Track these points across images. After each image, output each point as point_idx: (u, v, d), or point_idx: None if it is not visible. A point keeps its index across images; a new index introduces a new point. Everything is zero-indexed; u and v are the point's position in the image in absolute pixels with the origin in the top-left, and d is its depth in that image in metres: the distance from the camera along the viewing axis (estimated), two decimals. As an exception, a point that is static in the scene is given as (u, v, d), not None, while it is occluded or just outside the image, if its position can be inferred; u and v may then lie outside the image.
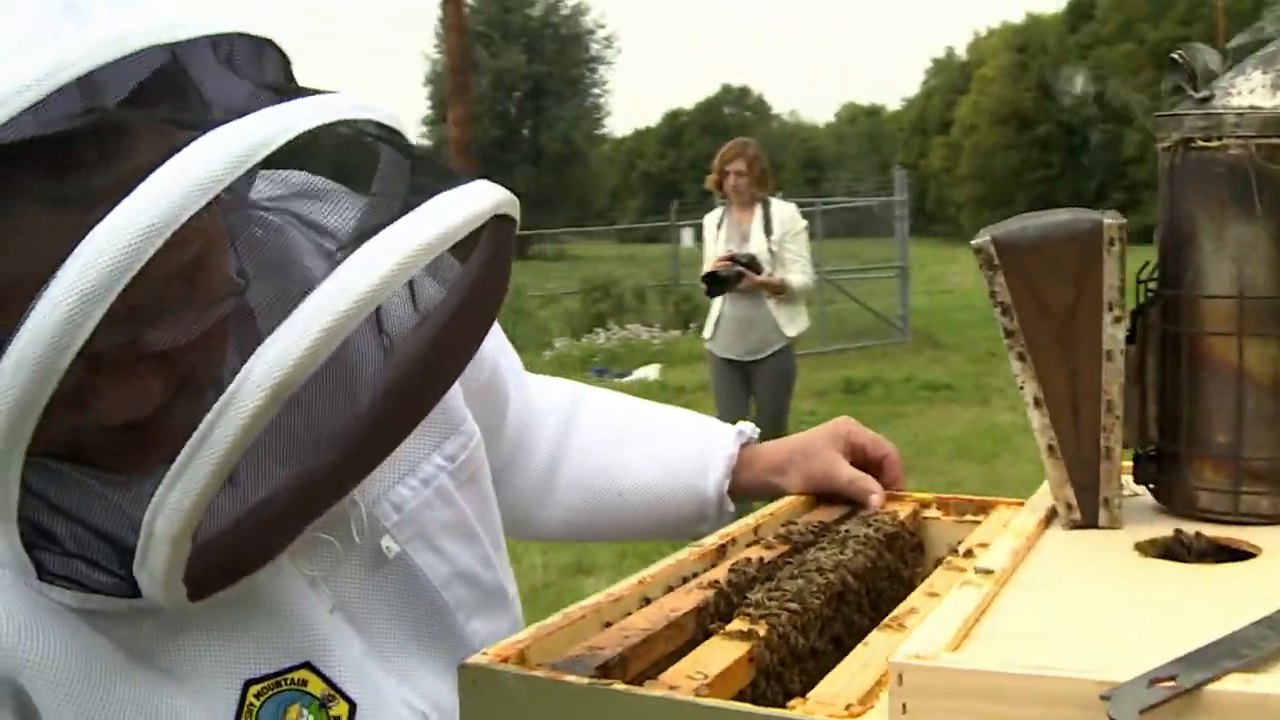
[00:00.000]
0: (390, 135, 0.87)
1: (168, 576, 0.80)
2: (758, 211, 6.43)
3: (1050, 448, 1.08)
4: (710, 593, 1.08)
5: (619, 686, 0.86)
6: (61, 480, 0.83)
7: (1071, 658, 0.74)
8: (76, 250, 0.69)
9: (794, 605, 1.04)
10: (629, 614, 1.06)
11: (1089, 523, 1.08)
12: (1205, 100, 1.05)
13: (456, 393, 1.17)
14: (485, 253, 0.91)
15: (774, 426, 5.97)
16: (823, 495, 1.38)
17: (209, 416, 0.74)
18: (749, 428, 1.47)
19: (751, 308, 6.30)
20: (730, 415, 6.51)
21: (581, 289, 17.46)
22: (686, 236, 18.89)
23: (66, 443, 0.81)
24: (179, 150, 0.72)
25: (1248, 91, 1.04)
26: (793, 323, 6.42)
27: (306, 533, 0.92)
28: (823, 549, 1.20)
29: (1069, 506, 1.08)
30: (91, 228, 0.69)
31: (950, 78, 59.84)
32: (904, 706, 0.74)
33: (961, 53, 62.37)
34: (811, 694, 0.84)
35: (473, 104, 41.11)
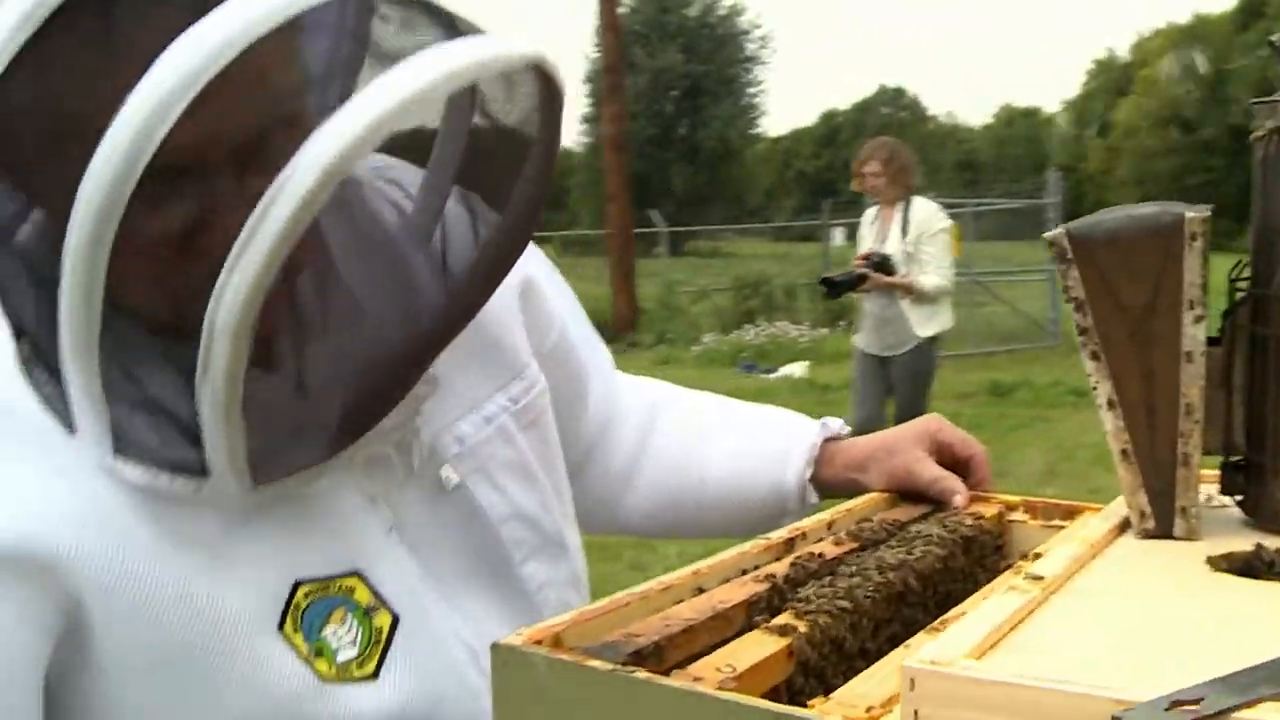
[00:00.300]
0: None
1: (230, 436, 0.83)
2: (899, 211, 6.36)
3: (1124, 452, 1.02)
4: (763, 586, 1.06)
5: (640, 674, 0.84)
6: (136, 355, 0.87)
7: (1099, 673, 0.69)
8: (164, 53, 0.74)
9: (844, 603, 1.01)
10: (679, 602, 1.04)
11: (1163, 532, 1.02)
12: (1298, 86, 0.98)
13: (522, 343, 1.20)
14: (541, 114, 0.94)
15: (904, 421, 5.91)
16: (906, 493, 1.34)
17: (264, 199, 0.76)
18: (836, 423, 1.43)
19: (887, 305, 6.29)
20: (864, 408, 6.51)
21: (733, 285, 17.47)
22: (838, 235, 18.69)
23: (144, 263, 0.84)
24: None
25: (1349, 77, 0.96)
26: (928, 323, 6.30)
27: (371, 438, 0.95)
28: (890, 548, 1.17)
29: (1142, 514, 1.02)
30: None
31: (1112, 79, 57.78)
32: (915, 713, 0.71)
33: (1124, 54, 60.16)
34: (835, 694, 0.82)
35: (630, 103, 41.54)
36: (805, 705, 0.81)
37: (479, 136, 0.97)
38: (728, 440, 1.43)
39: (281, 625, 0.94)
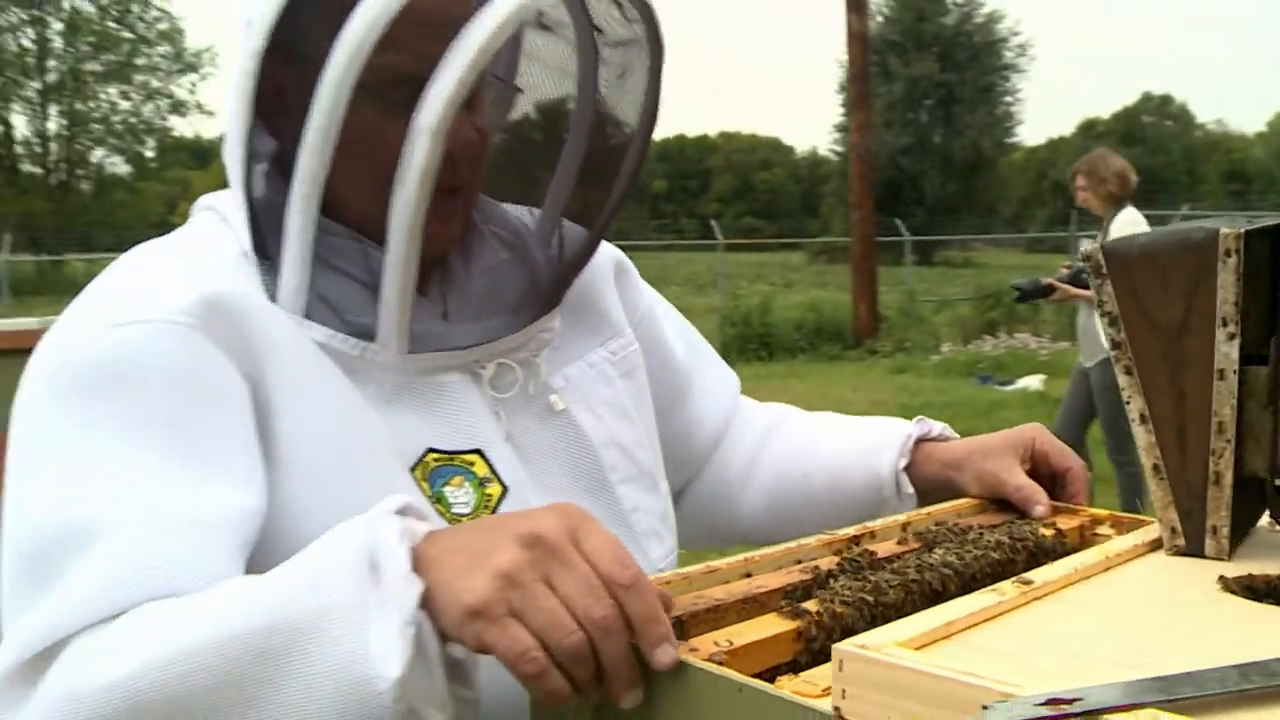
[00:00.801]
0: None
1: (401, 290, 1.07)
2: (1106, 222, 6.24)
3: (1155, 467, 1.02)
4: (803, 576, 1.11)
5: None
6: (336, 246, 1.12)
7: (1014, 671, 0.72)
8: None
9: (867, 596, 1.05)
10: (723, 584, 1.11)
11: (1194, 550, 1.01)
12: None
13: (618, 311, 1.38)
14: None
15: (1107, 434, 5.96)
16: (996, 499, 1.35)
17: (402, 155, 1.03)
18: (938, 425, 1.47)
19: (1086, 316, 6.21)
20: (1064, 418, 6.39)
21: (975, 295, 17.02)
22: (1086, 246, 17.88)
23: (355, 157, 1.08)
24: None
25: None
26: None
27: (502, 353, 1.18)
28: (946, 550, 1.19)
29: (1173, 531, 1.02)
30: None
31: None
32: (843, 692, 0.76)
33: None
34: (805, 673, 0.87)
35: (883, 112, 40.99)
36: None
37: (600, 114, 1.25)
38: (833, 439, 1.50)
39: (411, 470, 1.11)
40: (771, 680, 0.86)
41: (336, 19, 1.02)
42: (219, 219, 1.18)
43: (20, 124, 38.62)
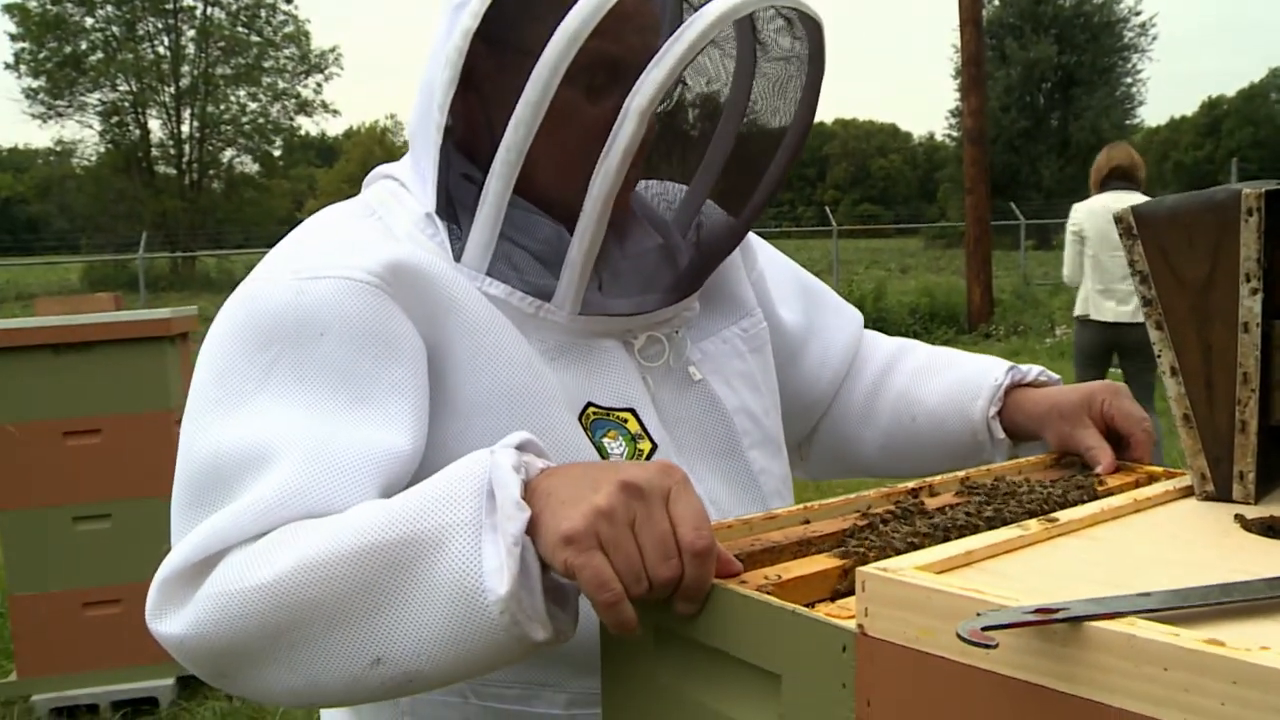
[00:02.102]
0: None
1: (588, 252, 1.20)
2: None
3: (1186, 417, 1.08)
4: (857, 522, 1.19)
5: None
6: (524, 215, 1.24)
7: (1022, 591, 0.80)
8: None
9: (913, 539, 1.13)
10: (782, 529, 1.20)
11: (1223, 495, 1.07)
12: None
13: (749, 293, 1.50)
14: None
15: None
16: (1067, 453, 1.42)
17: (610, 136, 1.16)
18: (1032, 370, 1.54)
19: None
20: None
21: (1091, 279, 16.68)
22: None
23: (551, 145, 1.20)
24: None
25: None
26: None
27: (655, 323, 1.31)
28: (998, 503, 1.26)
29: (1203, 478, 1.08)
30: None
31: None
32: (866, 610, 0.84)
33: None
34: (839, 601, 0.96)
35: (1000, 95, 40.10)
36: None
37: (759, 118, 1.36)
38: (938, 382, 1.59)
39: (579, 419, 1.24)
40: (811, 609, 0.95)
41: (546, 8, 1.15)
42: (398, 185, 1.31)
43: (156, 128, 40.19)
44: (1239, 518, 1.00)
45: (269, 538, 1.00)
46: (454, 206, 1.26)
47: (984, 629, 0.71)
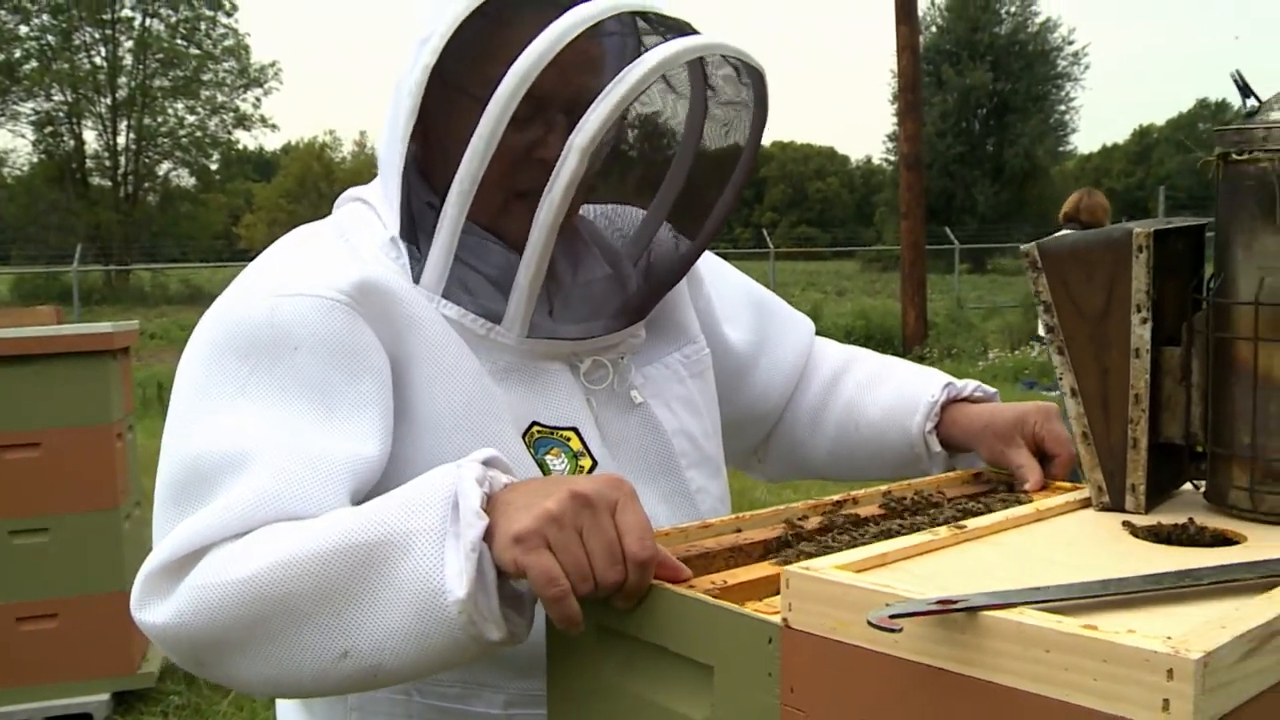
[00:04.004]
0: (685, 22, 1.32)
1: (533, 279, 1.27)
2: None
3: (1084, 434, 1.18)
4: (785, 531, 1.28)
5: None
6: (476, 241, 1.31)
7: (928, 588, 0.89)
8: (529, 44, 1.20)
9: (834, 545, 1.22)
10: (715, 538, 1.28)
11: (1117, 506, 1.17)
12: (1250, 115, 1.11)
13: (692, 319, 1.57)
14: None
15: None
16: (998, 470, 1.51)
17: (555, 170, 1.23)
18: (969, 385, 1.63)
19: None
20: None
21: (1022, 302, 17.06)
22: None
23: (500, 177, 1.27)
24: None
25: (1284, 109, 1.09)
26: None
27: (600, 349, 1.37)
28: (915, 515, 1.36)
29: (1100, 490, 1.18)
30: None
31: None
32: (789, 605, 0.93)
33: None
34: (768, 599, 1.04)
35: (937, 121, 40.79)
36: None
37: (703, 157, 1.44)
38: (880, 393, 1.68)
39: (522, 437, 1.32)
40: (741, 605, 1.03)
41: (499, 48, 1.23)
42: (367, 208, 1.39)
43: (91, 139, 39.62)
44: (1129, 525, 1.11)
45: (249, 537, 1.08)
46: (416, 231, 1.33)
47: (891, 616, 0.80)
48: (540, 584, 1.01)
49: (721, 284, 1.69)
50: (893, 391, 1.67)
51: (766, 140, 1.51)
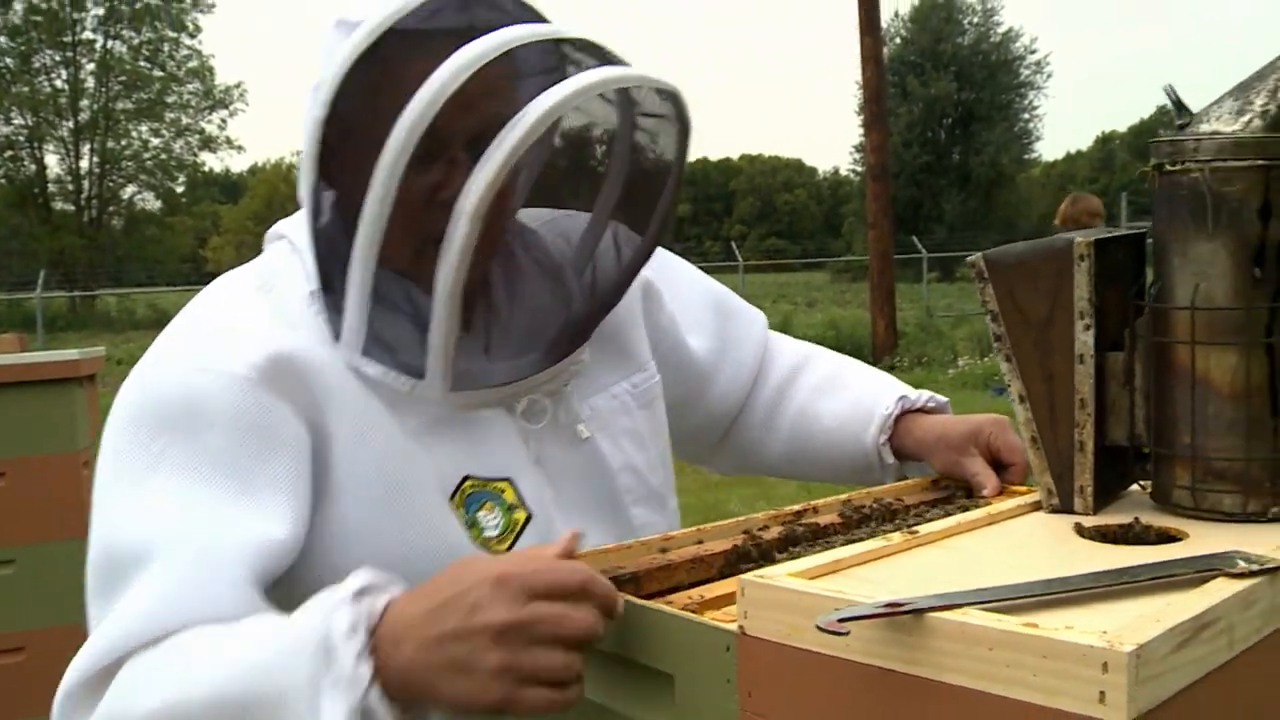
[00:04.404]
0: (588, 44, 1.28)
1: (445, 338, 1.22)
2: None
3: (1033, 439, 1.21)
4: (745, 541, 1.30)
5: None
6: (391, 293, 1.26)
7: (879, 592, 0.91)
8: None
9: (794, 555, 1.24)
10: (677, 549, 1.30)
11: (1066, 508, 1.20)
12: (1183, 127, 1.15)
13: (643, 343, 1.54)
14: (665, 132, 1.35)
15: None
16: (953, 480, 1.54)
17: (448, 231, 1.18)
18: (922, 396, 1.65)
19: None
20: None
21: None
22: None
23: (405, 223, 1.22)
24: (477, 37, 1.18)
25: (1215, 119, 1.13)
26: None
27: (536, 388, 1.34)
28: (881, 523, 1.38)
29: (1049, 492, 1.21)
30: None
31: None
32: (745, 613, 0.95)
33: None
34: (726, 608, 1.06)
35: (903, 131, 41.14)
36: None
37: (628, 181, 1.39)
38: (834, 402, 1.70)
39: (451, 499, 1.30)
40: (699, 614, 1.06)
41: (388, 97, 1.18)
42: (291, 249, 1.35)
43: (54, 163, 39.36)
44: (1078, 527, 1.14)
45: (156, 655, 1.09)
46: (333, 284, 1.28)
47: (840, 620, 0.83)
48: (548, 712, 1.01)
49: (682, 292, 1.68)
50: (847, 402, 1.68)
51: (734, 152, 1.50)
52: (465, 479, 1.31)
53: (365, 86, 1.22)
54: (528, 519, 1.34)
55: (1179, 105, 1.17)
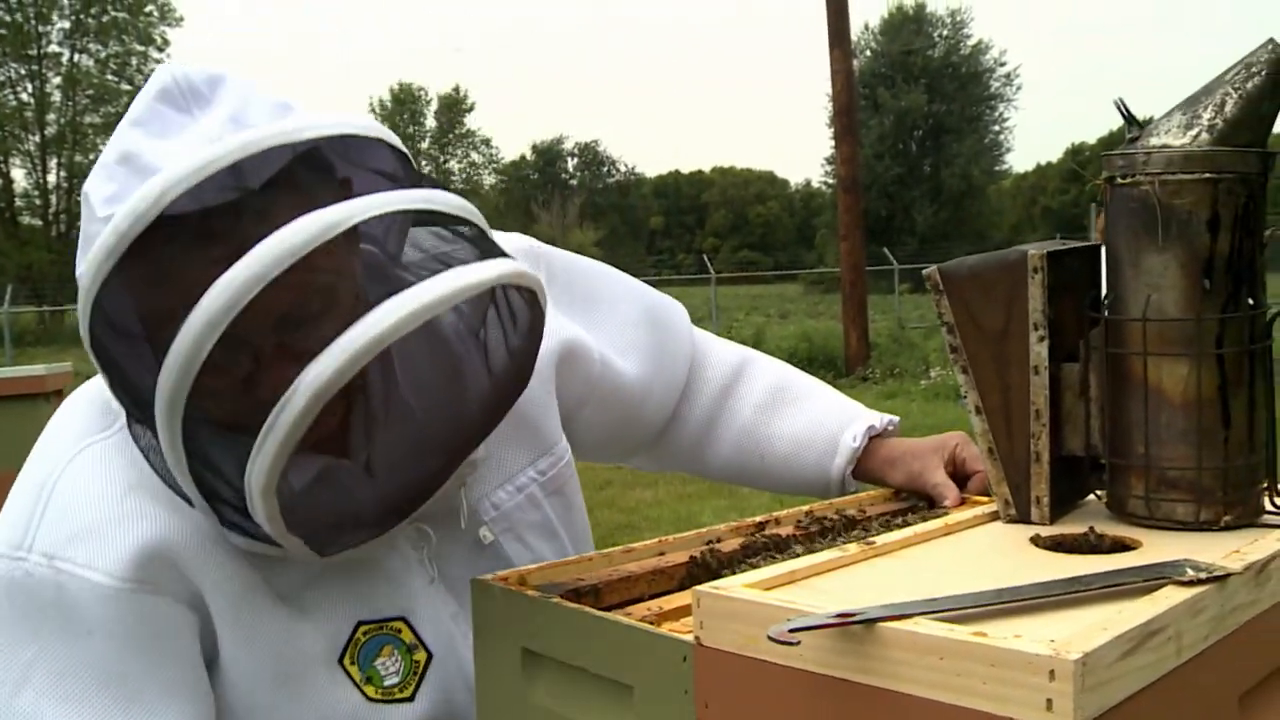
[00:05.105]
0: (440, 217, 1.13)
1: (271, 523, 1.07)
2: None
3: (990, 450, 1.22)
4: (704, 552, 1.31)
5: (555, 600, 1.12)
6: (219, 450, 1.08)
7: (833, 603, 0.92)
8: (204, 295, 0.98)
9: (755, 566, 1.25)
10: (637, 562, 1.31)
11: (1023, 518, 1.21)
12: (1133, 140, 1.17)
13: (552, 420, 1.46)
14: (517, 321, 1.19)
15: None
16: (917, 493, 1.55)
17: (271, 415, 1.01)
18: (882, 420, 1.65)
19: None
20: None
21: (962, 324, 17.35)
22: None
23: (216, 406, 1.07)
24: (276, 230, 0.99)
25: (1164, 132, 1.14)
26: None
27: (409, 521, 1.22)
28: (835, 535, 1.39)
29: (1006, 503, 1.22)
30: (215, 280, 0.98)
31: None
32: (701, 624, 0.96)
33: None
34: (684, 619, 1.07)
35: (874, 143, 41.44)
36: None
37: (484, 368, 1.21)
38: (786, 425, 1.68)
39: (341, 659, 1.25)
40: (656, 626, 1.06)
41: (166, 303, 1.03)
42: None
43: (20, 177, 39.07)
44: (1034, 537, 1.15)
45: None
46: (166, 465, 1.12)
47: (791, 630, 0.83)
48: None
49: (615, 318, 1.60)
50: (801, 427, 1.66)
51: (706, 165, 1.42)
52: (357, 626, 1.26)
53: (129, 300, 1.06)
54: (428, 660, 1.30)
55: (1130, 119, 1.18)
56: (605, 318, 1.59)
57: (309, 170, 1.09)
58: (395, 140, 1.16)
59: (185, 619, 1.17)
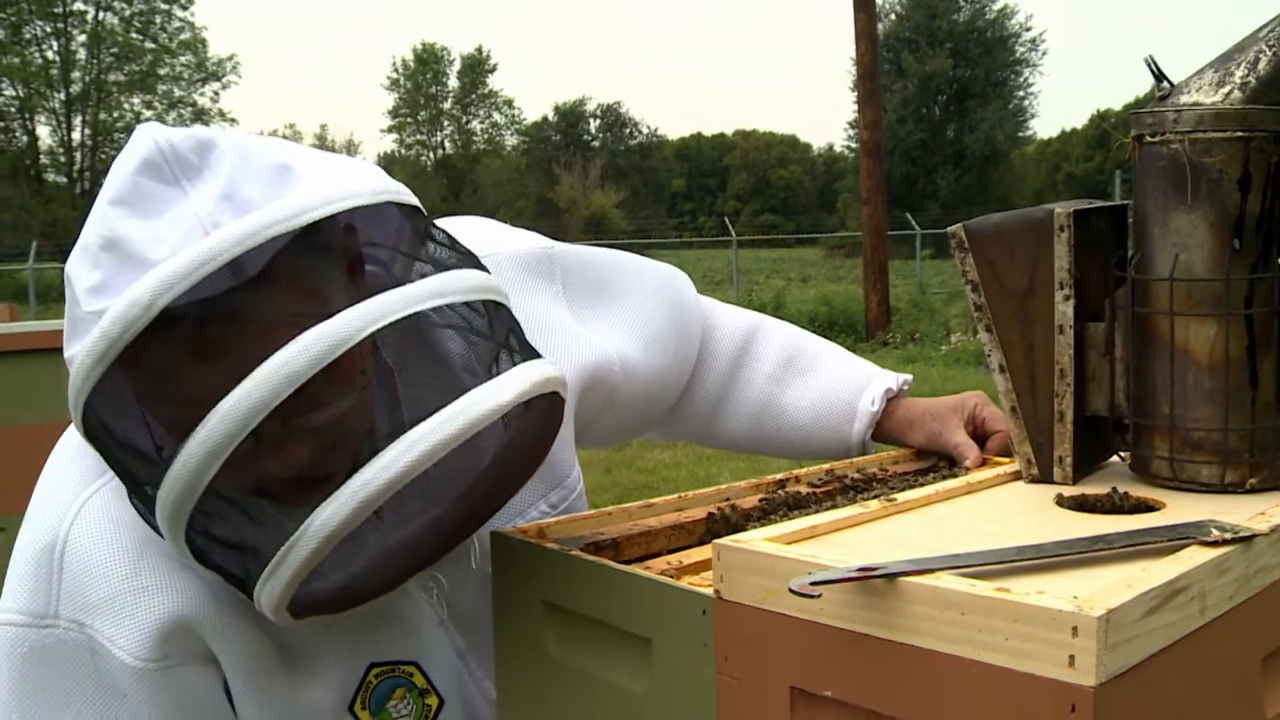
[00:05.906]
0: (452, 310, 1.07)
1: (278, 619, 1.04)
2: None
3: (1013, 409, 1.21)
4: (724, 508, 1.31)
5: (575, 553, 1.12)
6: (225, 545, 1.05)
7: (853, 557, 0.92)
8: (213, 410, 0.94)
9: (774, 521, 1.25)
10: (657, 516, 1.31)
11: (1045, 477, 1.20)
12: (1164, 99, 1.15)
13: (566, 451, 1.41)
14: (534, 416, 1.10)
15: None
16: (938, 452, 1.55)
17: (280, 551, 0.98)
18: (898, 380, 1.65)
19: None
20: None
21: (984, 288, 17.28)
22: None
23: (221, 501, 1.02)
24: (279, 349, 0.94)
25: (1195, 90, 1.13)
26: None
27: (416, 578, 1.20)
28: (863, 492, 1.39)
29: (1029, 462, 1.21)
30: (228, 391, 0.94)
31: None
32: (721, 577, 0.96)
33: None
34: (704, 573, 1.07)
35: (898, 108, 41.05)
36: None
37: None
38: (802, 395, 1.67)
39: (353, 705, 1.23)
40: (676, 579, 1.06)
41: (175, 398, 1.00)
42: None
43: (45, 134, 39.21)
44: (1057, 496, 1.14)
45: None
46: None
47: (813, 584, 0.83)
48: None
49: (632, 309, 1.55)
50: (818, 394, 1.66)
51: (729, 128, 1.38)
52: (370, 668, 1.24)
53: (127, 398, 1.01)
54: (440, 704, 1.28)
55: (1159, 76, 1.17)
56: (625, 314, 1.54)
57: (313, 255, 1.02)
58: (404, 195, 1.09)
59: (213, 677, 1.17)
